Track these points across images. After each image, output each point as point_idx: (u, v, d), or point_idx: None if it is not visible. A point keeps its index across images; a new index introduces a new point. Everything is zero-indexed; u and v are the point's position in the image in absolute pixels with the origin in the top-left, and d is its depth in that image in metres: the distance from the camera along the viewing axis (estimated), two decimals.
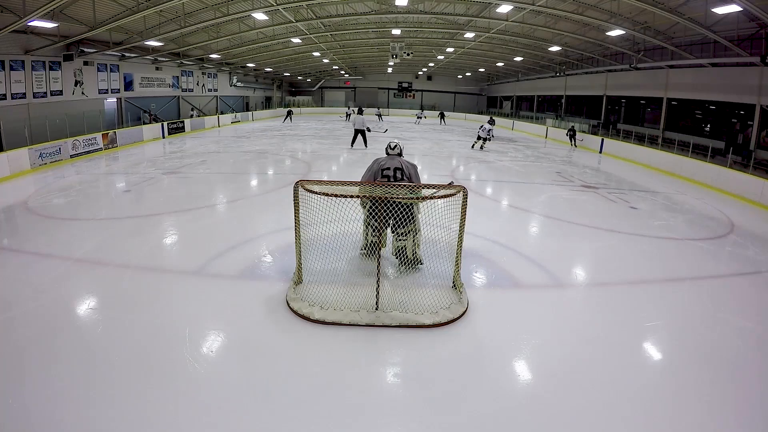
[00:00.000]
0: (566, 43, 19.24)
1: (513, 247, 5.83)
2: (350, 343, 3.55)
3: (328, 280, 4.28)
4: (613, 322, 4.08)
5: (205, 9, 14.61)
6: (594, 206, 8.65)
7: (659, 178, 12.53)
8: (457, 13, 16.32)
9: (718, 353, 3.65)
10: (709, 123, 16.32)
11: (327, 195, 3.75)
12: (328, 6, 16.23)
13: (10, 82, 12.77)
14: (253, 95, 32.94)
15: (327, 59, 28.38)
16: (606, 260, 5.79)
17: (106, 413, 2.70)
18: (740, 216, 8.46)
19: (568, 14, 14.22)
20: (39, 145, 11.34)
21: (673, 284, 5.08)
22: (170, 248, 5.80)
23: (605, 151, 17.37)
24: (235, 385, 3.00)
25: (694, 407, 2.98)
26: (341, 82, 40.33)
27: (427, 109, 38.78)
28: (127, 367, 3.15)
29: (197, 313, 3.94)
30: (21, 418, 2.66)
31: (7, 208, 7.47)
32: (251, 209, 7.74)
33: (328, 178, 8.78)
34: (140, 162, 12.53)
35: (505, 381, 3.18)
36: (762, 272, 5.67)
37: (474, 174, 11.94)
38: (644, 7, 12.11)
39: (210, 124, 23.01)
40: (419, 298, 3.95)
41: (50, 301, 4.11)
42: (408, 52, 21.35)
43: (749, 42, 12.90)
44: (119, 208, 7.55)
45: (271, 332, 3.71)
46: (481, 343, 3.65)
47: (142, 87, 19.91)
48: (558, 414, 2.84)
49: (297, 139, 18.75)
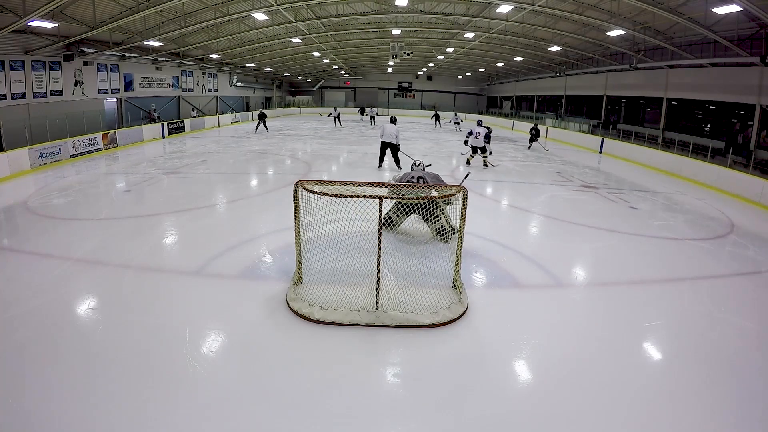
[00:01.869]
0: (566, 43, 19.24)
1: (513, 247, 5.83)
2: (350, 343, 3.55)
3: (328, 280, 4.28)
4: (613, 322, 4.09)
5: (205, 9, 14.61)
6: (594, 206, 8.64)
7: (659, 178, 12.53)
8: (457, 13, 16.32)
9: (718, 353, 3.65)
10: (709, 123, 16.31)
11: (327, 195, 3.76)
12: (328, 6, 16.23)
13: (10, 82, 12.76)
14: (253, 95, 32.93)
15: (327, 59, 28.37)
16: (606, 260, 5.79)
17: (106, 413, 2.70)
18: (740, 216, 8.46)
19: (568, 14, 14.22)
20: (39, 145, 11.33)
21: (673, 284, 5.08)
22: (170, 248, 5.80)
23: (605, 151, 17.37)
24: (235, 385, 3.00)
25: (694, 407, 2.98)
26: (341, 82, 40.33)
27: (428, 109, 38.83)
28: (127, 367, 3.15)
29: (197, 313, 3.94)
30: (21, 418, 2.66)
31: (7, 208, 7.47)
32: (251, 209, 7.74)
33: (328, 178, 8.78)
34: (140, 162, 12.53)
35: (505, 381, 3.18)
36: (762, 272, 5.67)
37: (474, 174, 11.93)
38: (644, 7, 12.11)
39: (210, 124, 23.01)
40: (419, 298, 3.95)
41: (50, 301, 4.11)
42: (408, 52, 21.34)
43: (749, 42, 12.89)
44: (119, 208, 7.55)
45: (271, 332, 3.71)
46: (481, 343, 3.65)
47: (142, 87, 19.91)
48: (558, 414, 2.84)
49: (297, 139, 18.74)
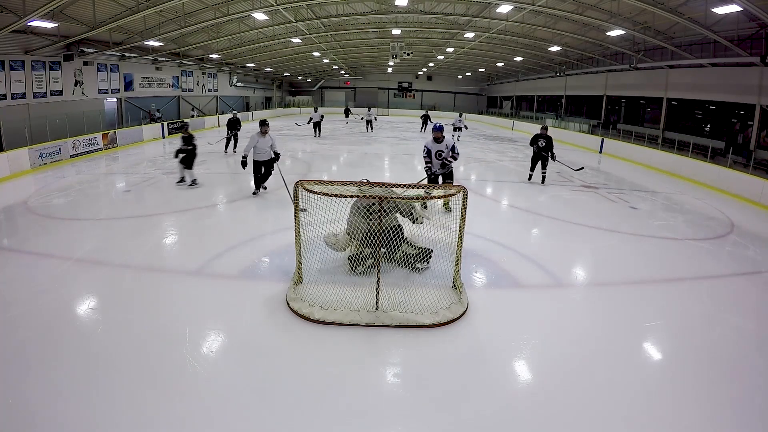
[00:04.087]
0: (566, 43, 19.24)
1: (513, 247, 5.82)
2: (350, 343, 3.55)
3: (328, 280, 4.28)
4: (613, 322, 4.08)
5: (205, 9, 14.61)
6: (594, 206, 8.65)
7: (659, 178, 12.53)
8: (457, 13, 16.32)
9: (718, 353, 3.65)
10: (709, 123, 16.31)
11: (327, 195, 3.76)
12: (328, 6, 16.24)
13: (10, 82, 12.76)
14: (253, 95, 32.94)
15: (327, 59, 28.37)
16: (606, 260, 5.78)
17: (106, 413, 2.70)
18: (740, 216, 8.46)
19: (568, 14, 14.22)
20: (39, 145, 11.33)
21: (673, 284, 5.08)
22: (170, 248, 5.80)
23: (605, 151, 17.37)
24: (235, 385, 3.00)
25: (694, 407, 2.98)
26: (341, 82, 40.33)
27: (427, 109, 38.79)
28: (128, 367, 3.15)
29: (197, 313, 3.94)
30: (21, 418, 2.66)
31: (7, 208, 7.46)
32: (251, 209, 7.74)
33: (328, 178, 8.78)
34: (140, 162, 12.53)
35: (505, 381, 3.18)
36: (762, 272, 5.67)
37: (474, 174, 11.94)
38: (644, 7, 12.11)
39: (210, 124, 23.01)
40: (419, 298, 3.95)
41: (50, 301, 4.11)
42: (408, 52, 21.36)
43: (749, 42, 12.89)
44: (119, 208, 7.55)
45: (271, 332, 3.71)
46: (481, 343, 3.65)
47: (142, 87, 19.91)
48: (558, 414, 2.84)
49: (297, 139, 18.74)
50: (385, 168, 11.47)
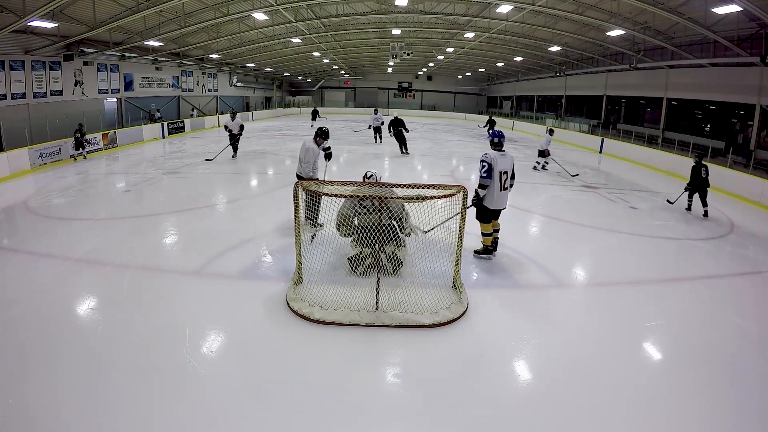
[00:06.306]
0: (566, 43, 19.24)
1: (513, 247, 5.82)
2: (350, 343, 3.55)
3: (328, 280, 4.28)
4: (613, 322, 4.08)
5: (205, 9, 14.61)
6: (594, 206, 8.64)
7: (659, 178, 12.52)
8: (457, 13, 16.33)
9: (717, 353, 3.65)
10: (709, 123, 16.32)
11: (327, 195, 3.76)
12: (328, 6, 16.24)
13: (10, 82, 12.77)
14: (253, 95, 32.93)
15: (327, 59, 28.36)
16: (606, 260, 5.79)
17: (106, 413, 2.70)
18: (740, 216, 8.46)
19: (568, 14, 14.22)
20: (39, 145, 11.34)
21: (673, 284, 5.08)
22: (170, 248, 5.80)
23: (605, 151, 17.37)
24: (235, 385, 3.00)
25: (694, 407, 2.98)
26: (341, 82, 40.33)
27: (427, 109, 38.81)
28: (128, 367, 3.15)
29: (197, 313, 3.94)
30: (22, 417, 2.66)
31: (7, 208, 7.47)
32: (251, 209, 7.74)
33: (328, 178, 8.77)
34: (140, 162, 12.53)
35: (505, 381, 3.18)
36: (762, 272, 5.67)
37: (474, 174, 11.93)
38: (644, 7, 12.11)
39: (210, 124, 23.01)
40: (419, 298, 3.95)
41: (50, 301, 4.11)
42: (408, 52, 21.36)
43: (749, 42, 12.90)
44: (119, 208, 7.55)
45: (271, 332, 3.71)
46: (481, 343, 3.65)
47: (142, 87, 19.92)
48: (558, 413, 2.84)
49: (297, 139, 18.73)
50: (385, 168, 11.48)
